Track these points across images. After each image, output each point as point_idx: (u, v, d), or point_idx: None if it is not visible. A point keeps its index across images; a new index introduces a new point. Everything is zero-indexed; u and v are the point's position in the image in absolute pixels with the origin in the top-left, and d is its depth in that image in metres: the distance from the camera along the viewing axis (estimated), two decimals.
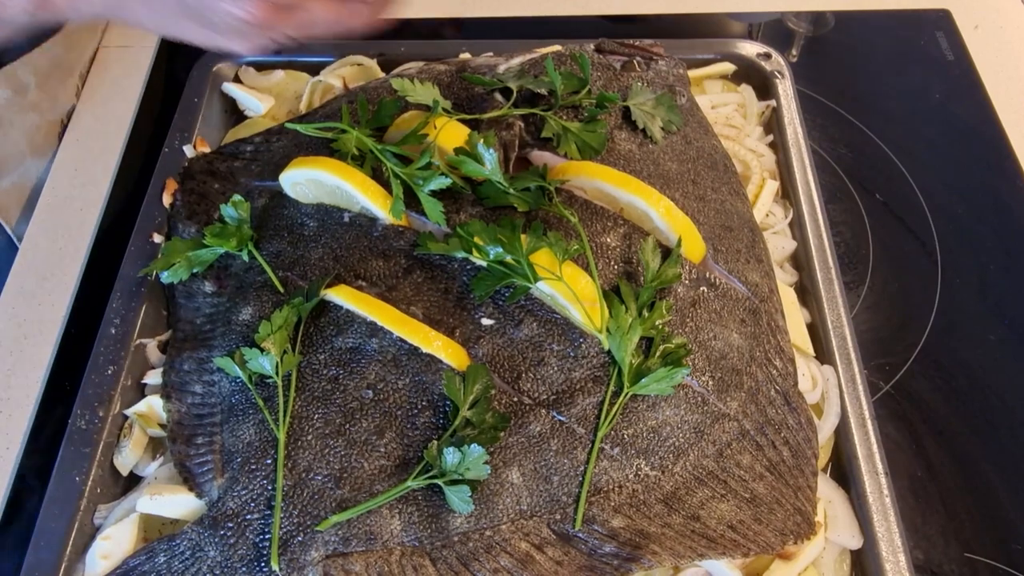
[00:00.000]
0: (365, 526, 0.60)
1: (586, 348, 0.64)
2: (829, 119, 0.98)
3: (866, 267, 0.85)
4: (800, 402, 0.67)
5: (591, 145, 0.73)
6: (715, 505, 0.62)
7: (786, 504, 0.63)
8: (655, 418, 0.63)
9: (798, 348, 0.72)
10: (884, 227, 0.88)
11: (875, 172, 0.93)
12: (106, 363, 0.72)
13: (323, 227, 0.71)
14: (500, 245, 0.63)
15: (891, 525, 0.64)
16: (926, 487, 0.71)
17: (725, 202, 0.75)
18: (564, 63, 0.80)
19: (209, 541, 0.61)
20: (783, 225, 0.82)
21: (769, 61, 0.94)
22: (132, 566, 0.62)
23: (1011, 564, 0.67)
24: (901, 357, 0.78)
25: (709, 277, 0.68)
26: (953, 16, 1.07)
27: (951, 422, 0.75)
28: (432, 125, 0.71)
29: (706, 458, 0.64)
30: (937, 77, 1.01)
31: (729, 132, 0.89)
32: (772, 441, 0.65)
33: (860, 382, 0.71)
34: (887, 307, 0.82)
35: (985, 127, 0.96)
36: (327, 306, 0.67)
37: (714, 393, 0.65)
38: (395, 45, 0.96)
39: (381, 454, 0.62)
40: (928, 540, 0.68)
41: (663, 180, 0.74)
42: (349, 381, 0.64)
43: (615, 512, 0.61)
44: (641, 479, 0.62)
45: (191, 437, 0.66)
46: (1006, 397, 0.76)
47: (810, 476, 0.65)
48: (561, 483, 0.61)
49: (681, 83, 0.83)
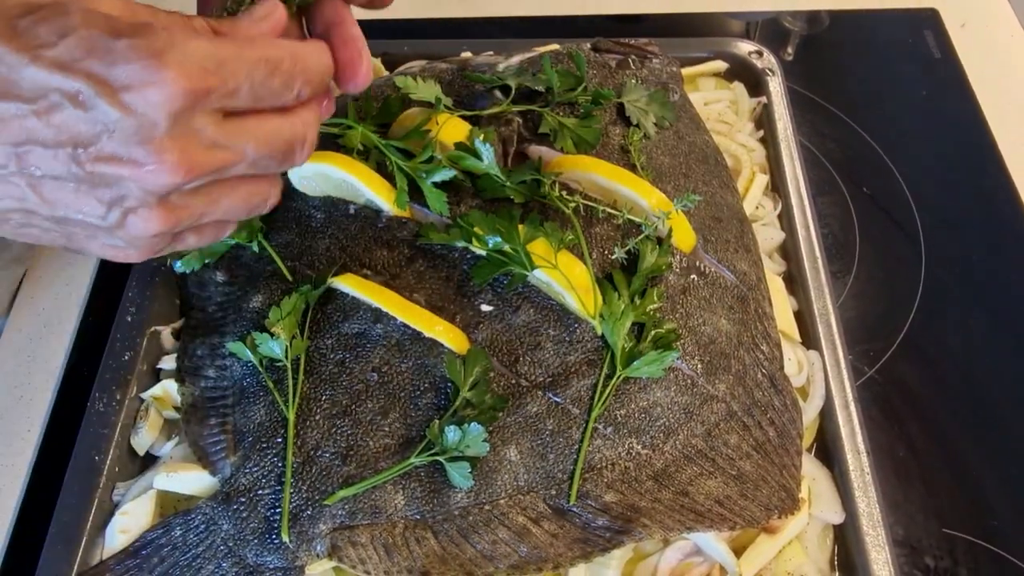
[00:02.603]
0: (370, 500, 0.63)
1: (580, 333, 0.67)
2: (819, 115, 1.01)
3: (852, 257, 0.88)
4: (786, 385, 0.70)
5: (586, 140, 0.76)
6: (703, 481, 0.66)
7: (771, 481, 0.67)
8: (646, 399, 0.66)
9: (785, 334, 0.75)
10: (871, 219, 0.91)
11: (863, 166, 0.96)
12: (123, 349, 0.75)
13: (330, 219, 0.74)
14: (499, 235, 0.66)
15: (871, 501, 0.67)
16: (907, 466, 0.74)
17: (715, 194, 0.78)
18: (561, 61, 0.83)
19: (223, 515, 0.64)
20: (772, 217, 0.85)
21: (761, 59, 0.97)
22: (150, 539, 0.65)
23: (986, 539, 0.70)
24: (885, 343, 0.81)
25: (699, 266, 0.71)
26: (941, 15, 1.09)
27: (932, 405, 0.78)
28: (434, 121, 0.74)
29: (695, 437, 0.67)
30: (924, 74, 1.04)
31: (721, 127, 0.92)
32: (759, 421, 0.68)
33: (844, 367, 0.74)
34: (872, 295, 0.85)
35: (970, 122, 0.99)
36: (334, 293, 0.70)
37: (703, 376, 0.68)
38: (399, 44, 0.99)
39: (385, 433, 0.65)
40: (908, 516, 0.72)
41: (656, 173, 0.77)
42: (355, 364, 0.67)
43: (608, 488, 0.64)
44: (633, 457, 0.65)
45: (204, 418, 0.69)
46: (985, 381, 0.79)
47: (795, 455, 0.68)
48: (556, 460, 0.64)
49: (674, 80, 0.86)
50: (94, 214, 0.45)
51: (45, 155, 0.43)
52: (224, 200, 0.49)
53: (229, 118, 0.46)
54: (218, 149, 0.46)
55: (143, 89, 0.42)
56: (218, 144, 0.45)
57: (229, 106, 0.46)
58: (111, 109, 0.42)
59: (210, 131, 0.45)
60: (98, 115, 0.42)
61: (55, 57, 0.41)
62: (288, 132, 0.49)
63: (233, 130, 0.46)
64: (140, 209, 0.45)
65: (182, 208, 0.47)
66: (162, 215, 0.46)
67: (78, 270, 0.86)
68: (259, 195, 0.51)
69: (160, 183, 0.44)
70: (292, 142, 0.50)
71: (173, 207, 0.46)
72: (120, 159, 0.43)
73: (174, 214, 0.46)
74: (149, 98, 0.42)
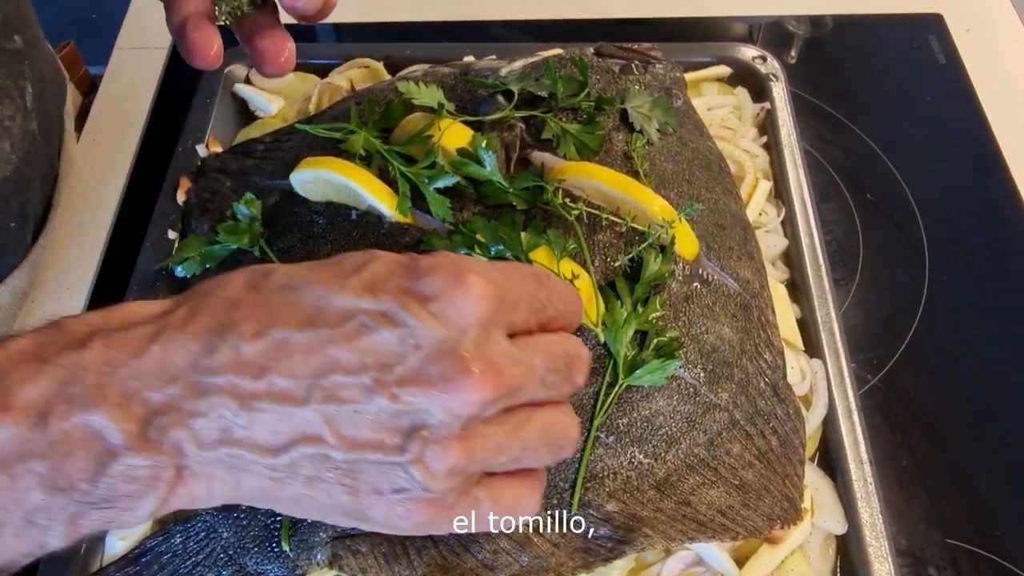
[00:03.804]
0: None
1: (583, 341, 0.67)
2: (823, 120, 1.00)
3: (856, 264, 0.88)
4: (789, 394, 0.70)
5: (589, 146, 0.76)
6: (706, 491, 0.65)
7: (774, 491, 0.66)
8: (649, 408, 0.66)
9: (788, 342, 0.75)
10: (874, 225, 0.91)
11: (866, 172, 0.95)
12: None
13: (332, 224, 0.74)
14: (502, 242, 0.66)
15: (874, 512, 0.67)
16: (910, 475, 0.74)
17: (719, 201, 0.78)
18: (564, 66, 0.82)
19: (223, 523, 0.64)
20: (775, 224, 0.85)
21: (765, 64, 0.96)
22: (150, 546, 0.65)
23: (989, 549, 0.70)
24: (888, 351, 0.81)
25: (702, 273, 0.71)
26: (945, 20, 1.09)
27: (936, 414, 0.77)
28: (437, 126, 0.73)
29: (697, 446, 0.66)
30: (928, 80, 1.04)
31: (724, 133, 0.91)
32: (761, 430, 0.68)
33: (847, 375, 0.74)
34: (876, 303, 0.85)
35: (974, 128, 0.98)
36: None
37: (705, 384, 0.67)
38: (401, 47, 0.99)
39: None
40: (911, 526, 0.71)
41: (659, 180, 0.76)
42: None
43: (610, 497, 0.64)
44: (635, 466, 0.65)
45: None
46: (990, 390, 0.79)
47: (797, 464, 0.68)
48: (558, 469, 0.64)
49: (677, 86, 0.86)
50: (392, 444, 0.41)
51: (347, 383, 0.41)
52: (523, 429, 0.45)
53: (516, 336, 0.45)
54: (515, 364, 0.43)
55: (452, 297, 0.41)
56: (513, 358, 0.43)
57: (516, 321, 0.45)
58: (419, 322, 0.41)
59: (505, 345, 0.43)
60: (405, 331, 0.41)
61: (362, 281, 0.42)
62: (567, 344, 0.48)
63: (522, 345, 0.45)
64: (441, 437, 0.41)
65: (481, 437, 0.43)
66: (461, 444, 0.42)
67: (79, 276, 0.86)
68: (558, 424, 0.47)
69: (468, 400, 0.41)
70: (571, 355, 0.48)
71: (472, 435, 0.42)
72: (426, 377, 0.40)
73: (472, 443, 0.42)
74: (458, 305, 0.41)
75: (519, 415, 0.45)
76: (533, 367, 0.44)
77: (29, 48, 0.79)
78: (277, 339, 0.41)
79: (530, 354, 0.45)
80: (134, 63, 1.06)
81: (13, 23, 0.77)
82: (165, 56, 1.06)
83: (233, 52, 0.99)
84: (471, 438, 0.42)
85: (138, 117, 1.00)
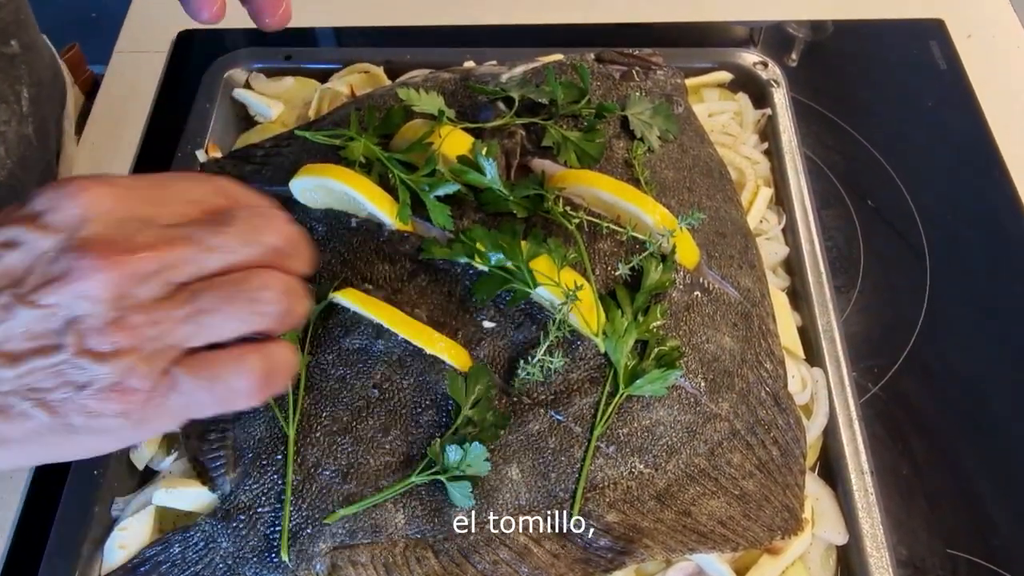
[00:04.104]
0: (371, 519, 0.62)
1: (583, 351, 0.66)
2: (823, 126, 1.00)
3: (857, 271, 0.87)
4: (789, 403, 0.70)
5: (590, 154, 0.75)
6: (706, 501, 0.65)
7: (775, 501, 0.66)
8: (649, 418, 0.66)
9: (789, 351, 0.75)
10: (875, 232, 0.90)
11: (867, 178, 0.95)
12: None
13: (331, 232, 0.74)
14: (501, 251, 0.66)
15: (875, 522, 0.67)
16: (911, 485, 0.74)
17: (719, 209, 0.78)
18: (565, 72, 0.82)
19: (222, 533, 0.64)
20: (776, 231, 0.84)
21: (766, 70, 0.96)
22: (148, 556, 0.64)
23: (990, 559, 0.70)
24: (889, 360, 0.81)
25: (703, 282, 0.71)
26: (947, 25, 1.09)
27: (937, 423, 0.77)
28: (437, 134, 0.73)
29: (698, 456, 0.66)
30: (930, 85, 1.04)
31: (725, 140, 0.91)
32: (762, 440, 0.68)
33: (848, 384, 0.74)
34: (877, 311, 0.84)
35: (976, 135, 0.98)
36: (335, 308, 0.69)
37: (706, 394, 0.67)
38: (401, 52, 0.99)
39: (386, 451, 0.64)
40: (912, 536, 0.71)
41: (660, 187, 0.76)
42: (356, 381, 0.67)
43: (610, 507, 0.64)
44: (635, 476, 0.65)
45: (204, 433, 0.69)
46: (991, 398, 0.79)
47: (798, 474, 0.68)
48: (558, 479, 0.64)
49: (678, 92, 0.85)
50: (52, 345, 0.43)
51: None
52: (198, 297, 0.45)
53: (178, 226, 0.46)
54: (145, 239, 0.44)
55: (58, 205, 0.43)
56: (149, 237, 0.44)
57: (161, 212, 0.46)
58: (35, 235, 0.43)
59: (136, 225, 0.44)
60: (25, 247, 0.43)
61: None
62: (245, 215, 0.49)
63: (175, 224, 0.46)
64: (96, 323, 0.43)
65: (141, 312, 0.43)
66: (118, 322, 0.43)
67: None
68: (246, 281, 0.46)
69: (99, 280, 0.42)
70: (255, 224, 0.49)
71: (130, 312, 0.43)
72: (55, 276, 0.42)
73: (130, 319, 0.43)
74: (64, 209, 0.43)
75: (194, 285, 0.45)
76: (180, 237, 0.45)
77: (26, 52, 0.79)
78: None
79: (185, 229, 0.45)
80: (134, 67, 1.06)
81: (9, 28, 0.76)
82: (165, 60, 1.06)
83: (232, 57, 1.00)
84: (128, 314, 0.43)
85: (137, 121, 0.99)
